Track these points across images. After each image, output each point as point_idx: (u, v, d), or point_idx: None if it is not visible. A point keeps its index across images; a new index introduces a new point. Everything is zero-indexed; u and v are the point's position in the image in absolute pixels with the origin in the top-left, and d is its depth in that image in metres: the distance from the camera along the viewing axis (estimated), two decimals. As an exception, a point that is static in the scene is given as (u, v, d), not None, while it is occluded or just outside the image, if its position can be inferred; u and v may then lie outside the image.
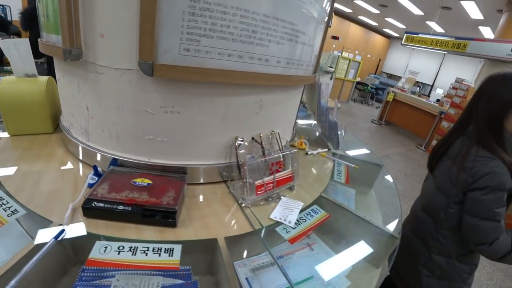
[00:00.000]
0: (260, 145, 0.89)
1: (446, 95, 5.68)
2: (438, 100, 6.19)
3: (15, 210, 0.68)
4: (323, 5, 0.93)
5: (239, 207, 0.80)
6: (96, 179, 0.80)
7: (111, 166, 0.86)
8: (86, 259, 0.57)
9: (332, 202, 0.91)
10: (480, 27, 7.21)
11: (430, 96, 7.63)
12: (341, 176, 1.11)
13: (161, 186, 0.78)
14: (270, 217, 0.77)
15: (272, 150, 0.89)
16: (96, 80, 0.80)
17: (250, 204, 0.80)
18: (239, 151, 0.84)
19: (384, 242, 0.85)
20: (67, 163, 0.91)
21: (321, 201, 0.92)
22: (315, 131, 1.64)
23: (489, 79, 0.97)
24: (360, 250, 0.81)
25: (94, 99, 0.84)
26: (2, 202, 0.69)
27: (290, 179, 0.91)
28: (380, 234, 0.85)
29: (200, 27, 0.66)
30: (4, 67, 2.62)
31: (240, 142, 0.84)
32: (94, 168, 0.84)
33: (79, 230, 0.64)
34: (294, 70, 0.89)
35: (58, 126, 1.09)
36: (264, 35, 0.73)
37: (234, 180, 0.87)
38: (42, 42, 0.90)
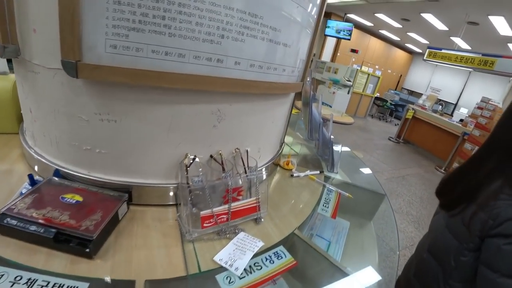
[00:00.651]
0: (221, 165, 0.72)
1: (471, 115, 5.21)
2: (461, 120, 5.72)
3: None
4: (308, 8, 0.77)
5: (181, 241, 0.64)
6: (30, 189, 0.68)
7: (49, 177, 0.73)
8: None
9: (305, 243, 0.72)
10: (509, 44, 6.66)
11: (453, 116, 7.10)
12: (327, 207, 0.91)
13: (90, 205, 0.64)
14: (214, 259, 0.60)
15: (231, 173, 0.71)
16: (34, 80, 0.69)
17: (194, 238, 0.63)
18: (190, 170, 0.68)
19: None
20: (15, 166, 0.82)
21: (293, 239, 0.73)
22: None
23: None
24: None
25: (34, 100, 0.72)
26: None
27: (254, 210, 0.73)
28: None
29: (127, 19, 0.52)
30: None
31: (191, 160, 0.68)
32: (29, 177, 0.71)
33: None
34: (274, 76, 0.72)
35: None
36: (213, 28, 0.57)
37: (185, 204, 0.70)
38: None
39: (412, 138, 6.28)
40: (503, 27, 5.59)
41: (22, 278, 0.50)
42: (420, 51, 10.80)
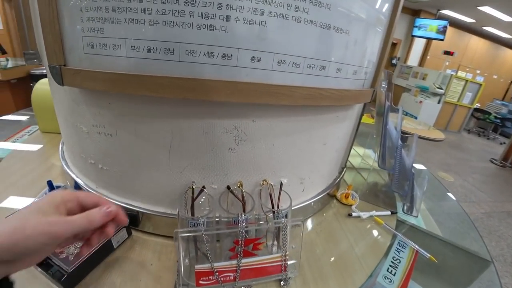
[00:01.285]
0: (241, 201, 0.51)
1: None
2: None
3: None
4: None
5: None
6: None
7: (64, 186, 0.66)
8: None
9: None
10: None
11: None
12: (394, 274, 0.60)
13: None
14: None
15: (251, 214, 0.50)
16: (51, 85, 0.62)
17: None
18: (197, 203, 0.50)
19: None
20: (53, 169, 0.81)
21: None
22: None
23: None
24: None
25: (55, 107, 0.66)
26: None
27: (278, 269, 0.49)
28: None
29: (100, 7, 0.37)
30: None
31: (198, 190, 0.49)
32: (48, 183, 0.65)
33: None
34: (331, 81, 0.48)
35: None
36: (214, 7, 0.36)
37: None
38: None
39: (528, 162, 4.77)
40: None
41: None
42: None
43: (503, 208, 3.20)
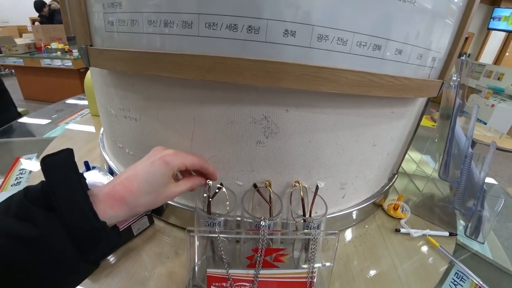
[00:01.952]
0: (268, 203, 0.45)
1: None
2: None
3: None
4: None
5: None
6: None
7: (97, 167, 0.67)
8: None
9: None
10: None
11: None
12: None
13: None
14: None
15: (278, 219, 0.42)
16: (91, 68, 0.62)
17: None
18: (217, 199, 0.44)
19: None
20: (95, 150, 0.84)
21: None
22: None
23: None
24: None
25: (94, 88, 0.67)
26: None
27: (303, 286, 0.42)
28: None
29: None
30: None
31: (217, 186, 0.44)
32: (84, 163, 0.68)
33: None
34: (389, 65, 0.38)
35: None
36: None
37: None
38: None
39: None
40: None
41: None
42: None
43: None
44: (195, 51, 0.33)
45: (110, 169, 0.64)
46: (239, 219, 0.46)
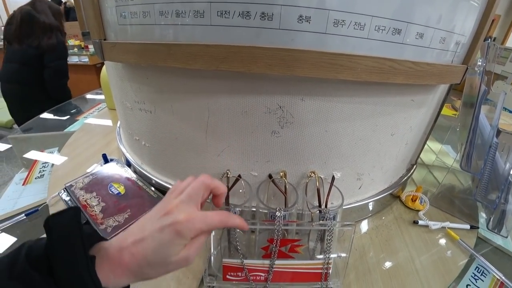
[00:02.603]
0: (283, 193, 0.45)
1: None
2: None
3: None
4: None
5: (199, 283, 0.43)
6: (95, 168, 0.70)
7: (115, 159, 0.70)
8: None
9: None
10: None
11: None
12: None
13: (126, 201, 0.56)
14: None
15: (293, 209, 0.42)
16: (105, 62, 0.63)
17: (215, 286, 0.41)
18: (233, 190, 0.45)
19: None
20: (112, 144, 0.86)
21: None
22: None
23: None
24: None
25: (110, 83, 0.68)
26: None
27: (318, 277, 0.42)
28: None
29: None
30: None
31: (234, 178, 0.44)
32: (103, 156, 0.70)
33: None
34: (409, 50, 0.36)
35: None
36: None
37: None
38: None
39: None
40: None
41: None
42: None
43: None
44: (208, 41, 0.33)
45: (128, 161, 0.66)
46: (254, 210, 0.46)
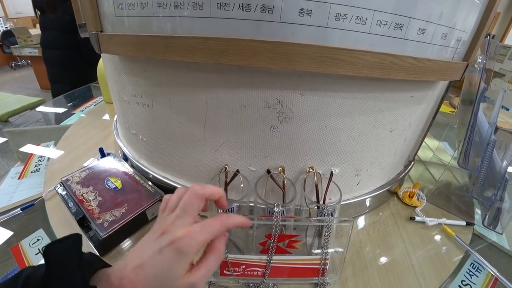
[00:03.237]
0: (281, 189, 0.45)
1: None
2: None
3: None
4: None
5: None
6: (92, 162, 0.69)
7: (112, 153, 0.69)
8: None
9: None
10: None
11: None
12: None
13: (123, 196, 0.56)
14: None
15: (291, 205, 0.42)
16: (102, 55, 0.62)
17: (209, 283, 0.41)
18: (231, 185, 0.45)
19: None
20: (109, 137, 0.85)
21: None
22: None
23: None
24: None
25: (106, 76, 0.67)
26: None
27: (315, 272, 0.42)
28: None
29: None
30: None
31: (232, 173, 0.44)
32: (99, 150, 0.70)
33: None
34: (411, 45, 0.36)
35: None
36: None
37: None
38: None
39: None
40: None
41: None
42: None
43: None
44: (207, 34, 0.32)
45: (125, 155, 0.65)
46: (252, 205, 0.46)
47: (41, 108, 1.17)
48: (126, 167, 0.62)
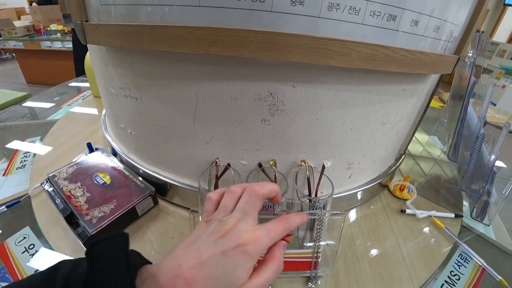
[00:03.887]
0: (272, 181, 0.44)
1: None
2: None
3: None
4: None
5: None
6: (80, 158, 0.68)
7: (101, 148, 0.67)
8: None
9: None
10: None
11: None
12: None
13: (112, 191, 0.54)
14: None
15: (284, 199, 0.42)
16: (88, 46, 0.60)
17: None
18: (222, 179, 0.44)
19: None
20: (98, 132, 0.83)
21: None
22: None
23: None
24: None
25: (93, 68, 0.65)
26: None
27: (307, 266, 0.42)
28: None
29: None
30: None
31: (223, 167, 0.43)
32: (87, 145, 0.68)
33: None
34: (402, 37, 0.35)
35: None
36: None
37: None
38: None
39: None
40: None
41: (34, 246, 0.49)
42: None
43: None
44: (196, 23, 0.31)
45: (113, 150, 0.64)
46: (244, 200, 0.46)
47: (27, 103, 1.14)
48: (115, 162, 0.61)
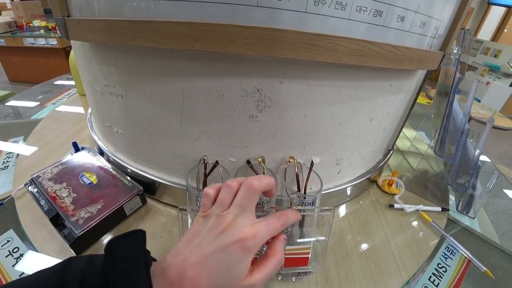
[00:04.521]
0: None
1: None
2: None
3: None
4: None
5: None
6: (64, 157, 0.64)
7: (87, 147, 0.65)
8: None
9: None
10: None
11: None
12: (437, 284, 0.49)
13: (99, 191, 0.53)
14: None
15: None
16: (72, 42, 0.58)
17: None
18: (211, 177, 0.43)
19: None
20: (84, 131, 0.81)
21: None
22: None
23: None
24: None
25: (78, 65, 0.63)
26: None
27: (298, 262, 0.42)
28: None
29: None
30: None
31: (212, 164, 0.43)
32: (73, 144, 0.66)
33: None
34: (391, 33, 0.36)
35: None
36: None
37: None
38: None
39: None
40: None
41: (18, 250, 0.47)
42: None
43: None
44: (181, 18, 0.30)
45: (100, 149, 0.62)
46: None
47: (10, 102, 1.10)
48: (101, 162, 0.60)
